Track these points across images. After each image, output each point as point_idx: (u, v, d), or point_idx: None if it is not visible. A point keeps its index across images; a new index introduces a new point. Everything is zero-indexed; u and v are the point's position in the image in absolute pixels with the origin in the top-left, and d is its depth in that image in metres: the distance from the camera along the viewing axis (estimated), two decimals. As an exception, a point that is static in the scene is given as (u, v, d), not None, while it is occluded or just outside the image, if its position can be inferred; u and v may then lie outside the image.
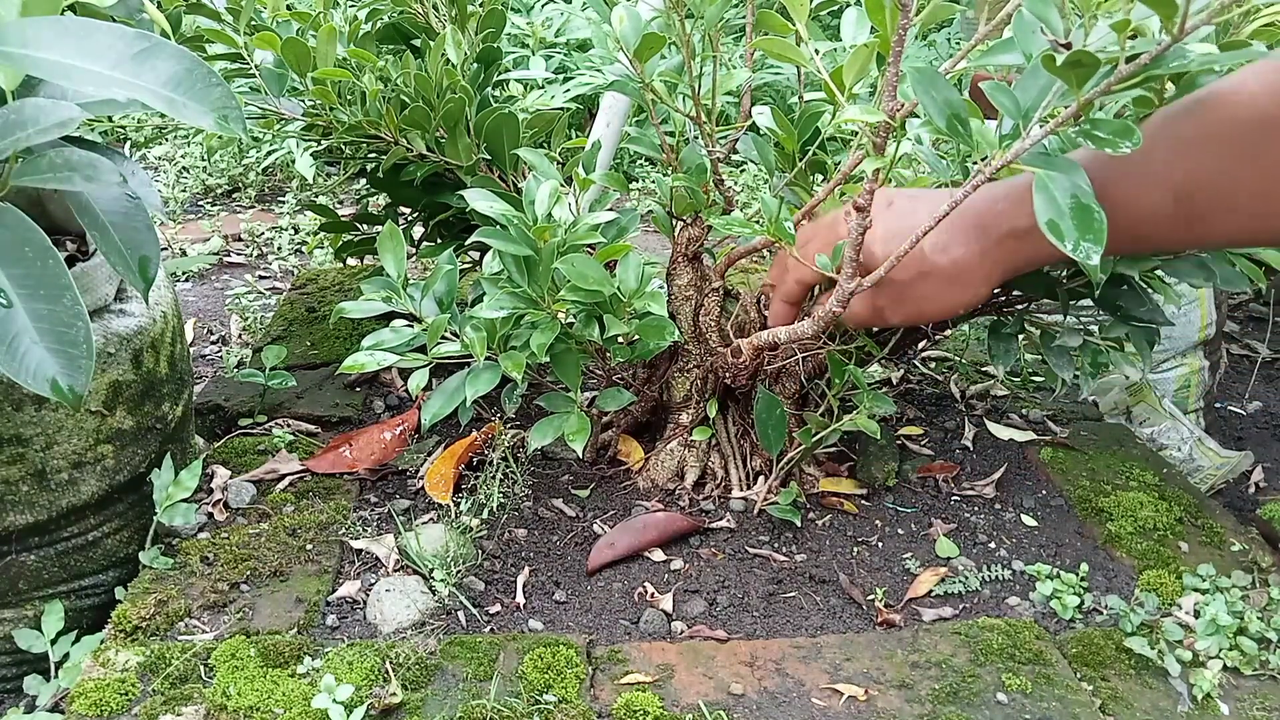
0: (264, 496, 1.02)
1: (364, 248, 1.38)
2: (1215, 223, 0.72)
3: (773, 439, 0.98)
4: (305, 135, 1.06)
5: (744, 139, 1.01)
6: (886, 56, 0.67)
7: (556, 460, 1.11)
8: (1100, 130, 0.63)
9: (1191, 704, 0.79)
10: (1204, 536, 1.00)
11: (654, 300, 0.90)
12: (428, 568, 0.90)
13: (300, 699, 0.75)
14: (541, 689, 0.77)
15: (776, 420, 0.97)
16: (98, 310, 0.89)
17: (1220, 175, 0.70)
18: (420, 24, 1.12)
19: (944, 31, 2.94)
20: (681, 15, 0.84)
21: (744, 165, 2.42)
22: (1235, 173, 0.69)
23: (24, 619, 0.88)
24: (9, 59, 0.60)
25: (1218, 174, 0.70)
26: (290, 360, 1.29)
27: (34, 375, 0.61)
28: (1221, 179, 0.70)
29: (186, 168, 2.66)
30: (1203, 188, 0.71)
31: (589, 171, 0.94)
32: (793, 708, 0.77)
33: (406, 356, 0.90)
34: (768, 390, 0.98)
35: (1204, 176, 0.70)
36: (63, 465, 0.85)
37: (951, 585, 0.92)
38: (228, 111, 0.63)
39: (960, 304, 0.82)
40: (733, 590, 0.92)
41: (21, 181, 0.64)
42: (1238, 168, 0.69)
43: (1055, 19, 0.64)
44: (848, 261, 0.78)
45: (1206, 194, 0.71)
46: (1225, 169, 0.69)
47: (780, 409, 0.97)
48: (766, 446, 0.99)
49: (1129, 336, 0.95)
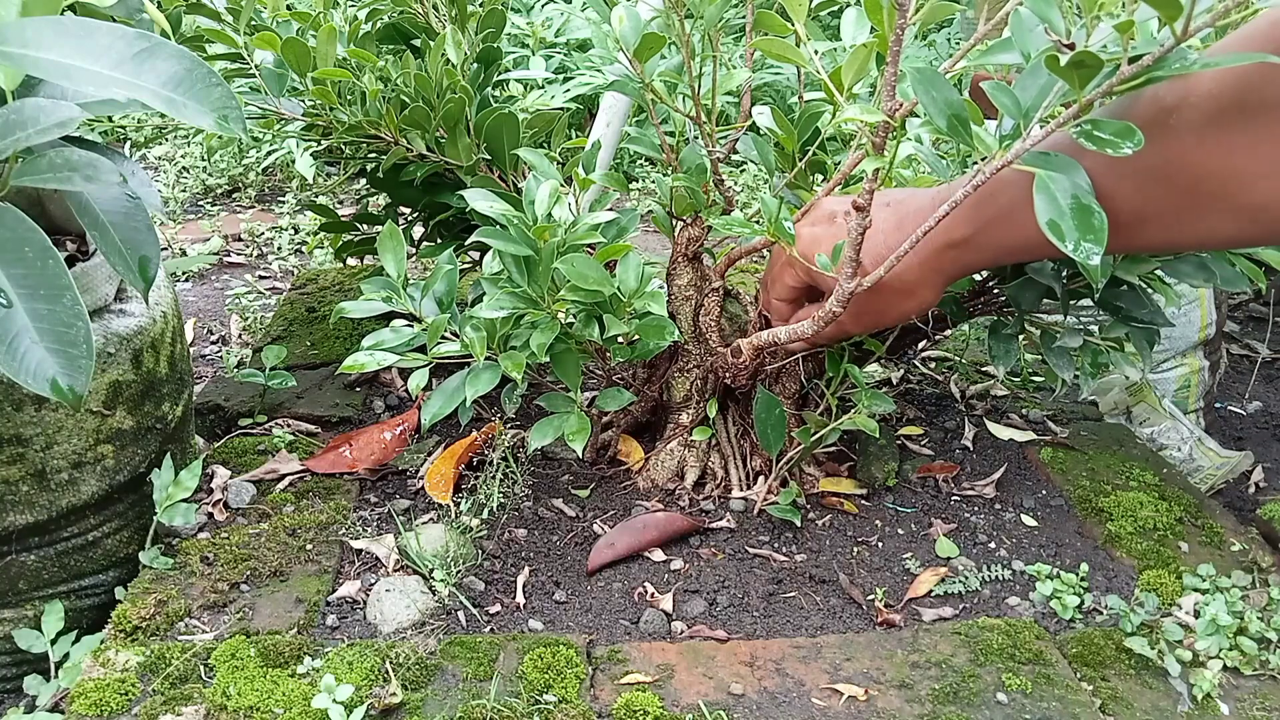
0: (264, 496, 1.02)
1: (364, 248, 1.38)
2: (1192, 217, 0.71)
3: (772, 439, 0.98)
4: (305, 135, 1.06)
5: (744, 139, 1.01)
6: (885, 56, 0.67)
7: (556, 460, 1.11)
8: (1101, 130, 0.63)
9: (1191, 704, 0.79)
10: (1204, 536, 1.00)
11: (654, 300, 0.90)
12: (428, 568, 0.90)
13: (300, 699, 0.75)
14: (541, 689, 0.77)
15: (776, 420, 0.97)
16: (98, 310, 0.88)
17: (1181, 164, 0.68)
18: (420, 24, 1.12)
19: (944, 31, 2.94)
20: (681, 15, 0.84)
21: (744, 165, 2.42)
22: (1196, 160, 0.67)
23: (24, 619, 0.88)
24: (9, 59, 0.60)
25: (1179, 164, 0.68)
26: (290, 360, 1.29)
27: (34, 375, 0.61)
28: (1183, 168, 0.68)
29: (186, 168, 2.66)
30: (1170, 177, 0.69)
31: (589, 171, 0.94)
32: (793, 708, 0.77)
33: (406, 356, 0.90)
34: (767, 390, 0.98)
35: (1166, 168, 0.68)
36: (63, 465, 0.85)
37: (951, 585, 0.92)
38: (228, 111, 0.63)
39: (910, 311, 0.86)
40: (733, 590, 0.92)
41: (21, 181, 0.64)
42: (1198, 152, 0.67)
43: (1058, 19, 0.64)
44: (848, 262, 0.78)
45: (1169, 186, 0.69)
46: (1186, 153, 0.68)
47: (779, 409, 0.97)
48: (766, 446, 0.99)
49: (1129, 337, 0.95)
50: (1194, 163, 0.66)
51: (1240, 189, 0.65)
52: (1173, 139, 0.66)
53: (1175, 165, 0.66)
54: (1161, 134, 0.65)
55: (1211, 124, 0.64)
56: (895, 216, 0.83)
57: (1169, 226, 0.70)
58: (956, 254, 0.80)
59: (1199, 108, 0.64)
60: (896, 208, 0.83)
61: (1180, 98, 0.65)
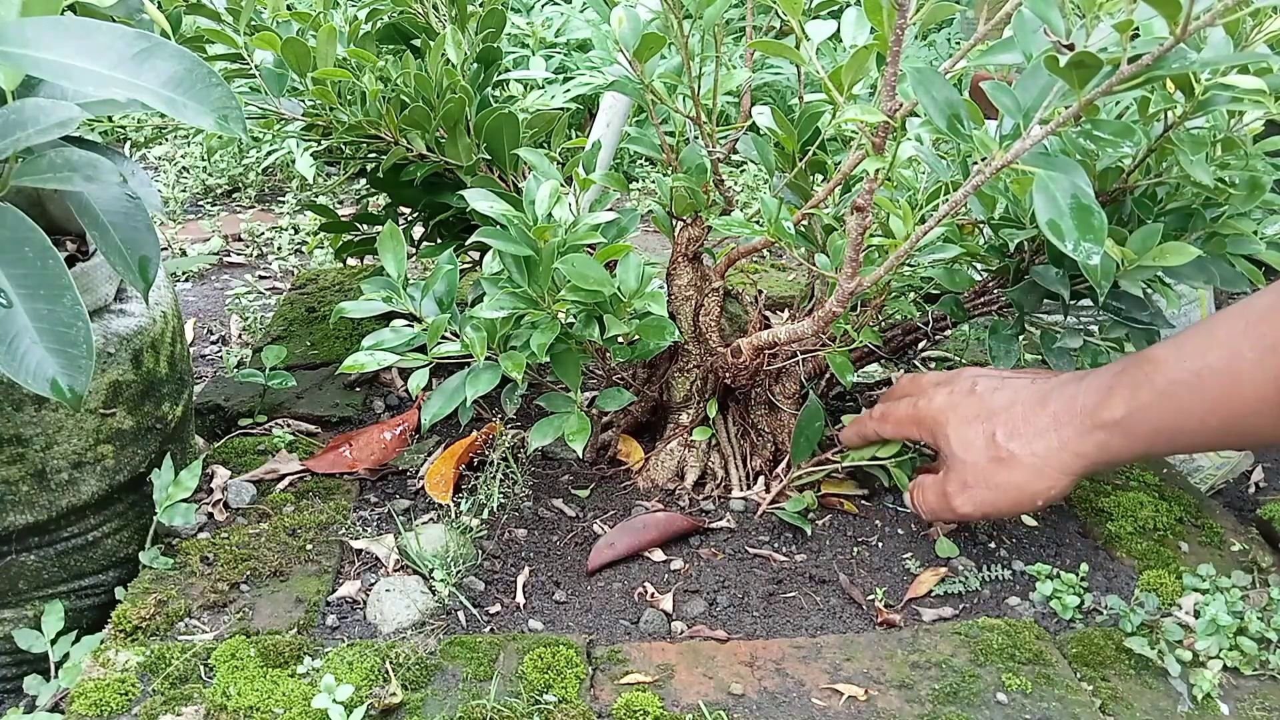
0: (264, 496, 1.02)
1: (364, 248, 1.38)
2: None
3: (802, 447, 0.99)
4: (305, 135, 1.06)
5: (744, 139, 1.01)
6: (885, 56, 0.67)
7: (556, 460, 1.11)
8: (1101, 131, 0.63)
9: (1191, 704, 0.79)
10: (1204, 536, 1.00)
11: (654, 300, 0.90)
12: (428, 568, 0.90)
13: (300, 699, 0.75)
14: (541, 689, 0.77)
15: (814, 431, 0.98)
16: (98, 310, 0.88)
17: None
18: (420, 24, 1.12)
19: (944, 31, 2.93)
20: (679, 16, 0.84)
21: (744, 165, 2.42)
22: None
23: (24, 619, 0.88)
24: (9, 59, 0.60)
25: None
26: (290, 360, 1.29)
27: (34, 375, 0.61)
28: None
29: (186, 168, 2.65)
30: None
31: (589, 171, 0.94)
32: (793, 708, 0.77)
33: (406, 356, 0.90)
34: (818, 400, 0.98)
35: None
36: (63, 465, 0.85)
37: (951, 585, 0.92)
38: (228, 111, 0.63)
39: (1038, 496, 0.81)
40: (733, 590, 0.92)
41: (21, 181, 0.64)
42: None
43: (1057, 19, 0.64)
44: (848, 262, 0.78)
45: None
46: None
47: (821, 422, 0.98)
48: (795, 454, 0.99)
49: (1129, 337, 0.95)
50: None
51: None
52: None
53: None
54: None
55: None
56: (1039, 392, 0.81)
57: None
58: (1105, 437, 0.76)
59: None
60: (1040, 383, 0.82)
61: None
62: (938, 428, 0.86)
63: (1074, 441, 0.78)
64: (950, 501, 0.85)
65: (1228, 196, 0.87)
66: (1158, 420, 0.74)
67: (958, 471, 0.84)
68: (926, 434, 0.88)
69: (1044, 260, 0.94)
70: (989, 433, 0.82)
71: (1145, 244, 0.84)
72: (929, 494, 0.88)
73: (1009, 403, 0.82)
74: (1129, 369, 0.76)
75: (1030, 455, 0.79)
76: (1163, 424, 0.74)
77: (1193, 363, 0.71)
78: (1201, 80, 0.72)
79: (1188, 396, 0.70)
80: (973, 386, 0.86)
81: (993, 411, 0.83)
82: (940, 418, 0.86)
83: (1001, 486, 0.82)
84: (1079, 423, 0.77)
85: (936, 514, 0.89)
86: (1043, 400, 0.80)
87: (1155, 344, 0.78)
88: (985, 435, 0.83)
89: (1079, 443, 0.77)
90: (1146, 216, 0.89)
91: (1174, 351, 0.73)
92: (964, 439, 0.84)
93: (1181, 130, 0.80)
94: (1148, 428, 0.74)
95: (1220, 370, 0.70)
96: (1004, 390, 0.84)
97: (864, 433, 0.97)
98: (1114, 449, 0.77)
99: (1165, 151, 0.84)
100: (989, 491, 0.83)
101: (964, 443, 0.84)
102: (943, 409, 0.86)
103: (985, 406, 0.84)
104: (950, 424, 0.85)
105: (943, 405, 0.86)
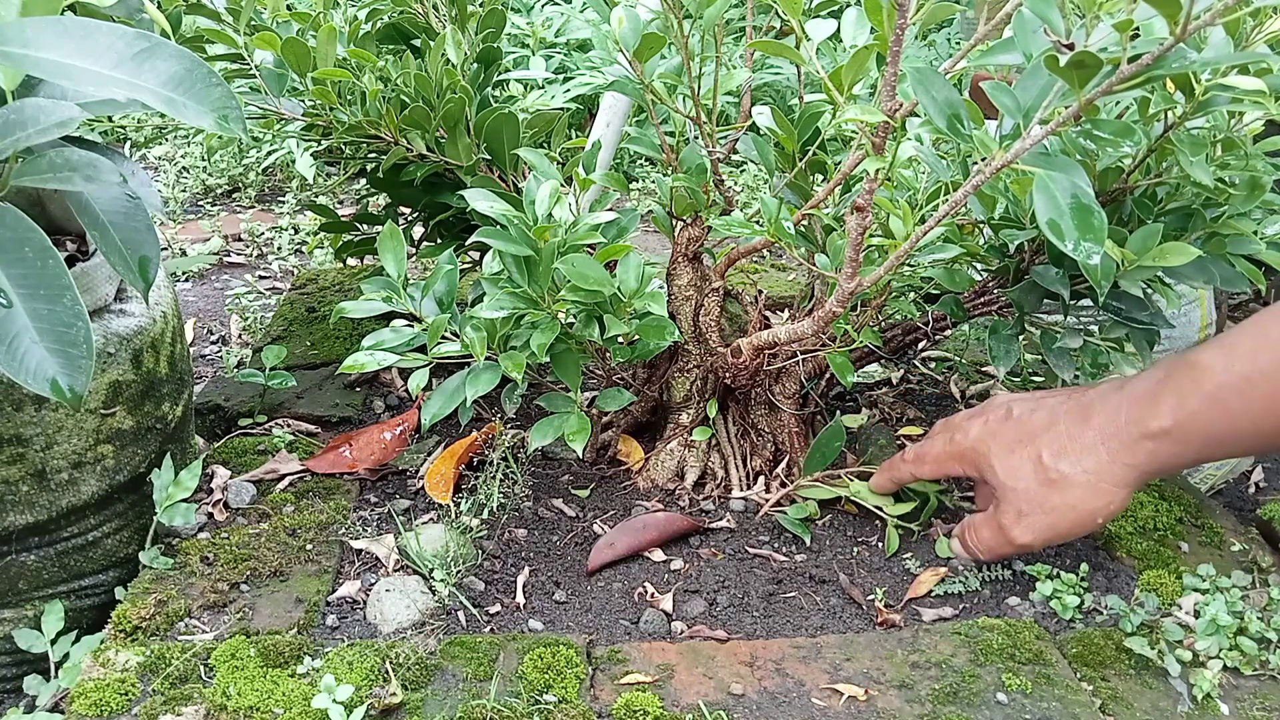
0: (264, 496, 1.02)
1: (364, 248, 1.38)
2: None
3: (815, 461, 0.99)
4: (305, 135, 1.06)
5: (744, 139, 1.01)
6: (885, 56, 0.67)
7: (556, 460, 1.11)
8: (1101, 131, 0.63)
9: (1191, 704, 0.79)
10: (1204, 536, 1.00)
11: (654, 300, 0.90)
12: (428, 568, 0.90)
13: (300, 699, 0.75)
14: (541, 689, 0.77)
15: (831, 450, 0.98)
16: (98, 310, 0.88)
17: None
18: (420, 24, 1.12)
19: (944, 31, 2.93)
20: (679, 16, 0.84)
21: (744, 165, 2.42)
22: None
23: (24, 619, 0.88)
24: (9, 59, 0.60)
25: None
26: (290, 360, 1.29)
27: (34, 375, 0.61)
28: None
29: (186, 168, 2.65)
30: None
31: (589, 171, 0.94)
32: (793, 708, 0.77)
33: (406, 356, 0.90)
34: (840, 421, 0.98)
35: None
36: (63, 465, 0.85)
37: (951, 585, 0.92)
38: (228, 111, 0.63)
39: (1097, 513, 0.79)
40: (733, 590, 0.92)
41: (21, 181, 0.64)
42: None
43: (1057, 19, 0.64)
44: (848, 262, 0.78)
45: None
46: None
47: (841, 442, 0.98)
48: (808, 467, 1.00)
49: (1129, 337, 0.94)
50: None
51: None
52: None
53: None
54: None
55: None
56: (1079, 407, 0.78)
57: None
58: (1155, 446, 0.74)
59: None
60: (1078, 397, 0.79)
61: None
62: (980, 459, 0.83)
63: (1123, 453, 0.76)
64: (1008, 534, 0.82)
65: (1228, 196, 0.87)
66: (1208, 426, 0.72)
67: (1009, 501, 0.81)
68: (970, 468, 0.85)
69: (1044, 260, 0.94)
70: (1035, 456, 0.80)
71: (1145, 244, 0.84)
72: (983, 532, 0.85)
73: (1049, 422, 0.80)
74: (1174, 375, 0.74)
75: (1082, 473, 0.77)
76: (1213, 430, 0.72)
77: (1243, 366, 0.69)
78: (1201, 80, 0.72)
79: (1238, 402, 0.69)
80: (1008, 412, 0.84)
81: (1034, 433, 0.80)
82: (981, 448, 0.83)
83: (1058, 509, 0.79)
84: (1126, 434, 0.75)
85: (995, 551, 0.85)
86: (1085, 415, 0.78)
87: (1197, 347, 0.76)
88: (1032, 459, 0.80)
89: (1129, 454, 0.76)
90: (1146, 216, 0.89)
91: (1222, 356, 0.71)
92: (1010, 466, 0.81)
93: (1181, 130, 0.80)
94: (1198, 435, 0.73)
95: (1272, 374, 0.68)
96: (1041, 410, 0.82)
97: (898, 477, 0.94)
98: (1164, 458, 0.75)
99: (1165, 151, 0.84)
100: (1046, 516, 0.80)
101: (1010, 470, 0.81)
102: (982, 438, 0.83)
103: (1025, 429, 0.81)
104: (993, 453, 0.82)
105: (981, 435, 0.84)
